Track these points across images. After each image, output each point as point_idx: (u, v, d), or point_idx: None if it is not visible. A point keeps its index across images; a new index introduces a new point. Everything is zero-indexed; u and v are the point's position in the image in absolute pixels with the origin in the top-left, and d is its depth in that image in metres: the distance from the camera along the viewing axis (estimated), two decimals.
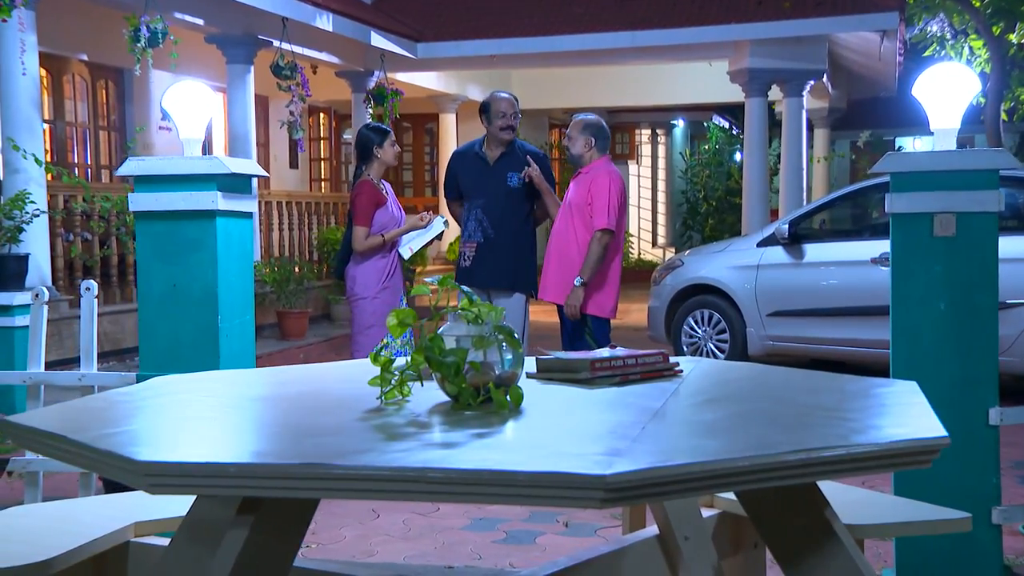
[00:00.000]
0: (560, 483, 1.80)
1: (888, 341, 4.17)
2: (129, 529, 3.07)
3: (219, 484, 1.94)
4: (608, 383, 2.76)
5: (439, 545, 4.87)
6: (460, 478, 1.85)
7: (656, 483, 1.82)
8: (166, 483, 1.94)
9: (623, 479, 1.78)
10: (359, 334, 6.43)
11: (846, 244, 9.26)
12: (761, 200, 13.96)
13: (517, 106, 6.59)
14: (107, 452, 2.00)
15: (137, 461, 1.93)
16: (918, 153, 4.07)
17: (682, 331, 9.79)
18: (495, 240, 6.47)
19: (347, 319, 13.45)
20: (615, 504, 1.81)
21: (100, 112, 13.32)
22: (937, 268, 4.01)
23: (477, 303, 2.55)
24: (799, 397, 2.63)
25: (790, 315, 9.12)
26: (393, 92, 13.44)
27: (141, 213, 4.57)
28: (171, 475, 1.93)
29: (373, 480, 1.87)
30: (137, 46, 8.88)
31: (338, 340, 11.97)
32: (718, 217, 24.14)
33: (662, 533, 3.12)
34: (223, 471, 1.92)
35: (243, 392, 2.80)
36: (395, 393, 2.51)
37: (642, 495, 1.83)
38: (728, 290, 9.46)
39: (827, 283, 9.02)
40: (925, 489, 3.84)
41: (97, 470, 2.07)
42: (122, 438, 2.17)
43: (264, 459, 1.98)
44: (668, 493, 1.86)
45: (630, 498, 1.82)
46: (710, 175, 24.52)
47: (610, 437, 2.15)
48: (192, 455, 2.04)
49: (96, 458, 2.03)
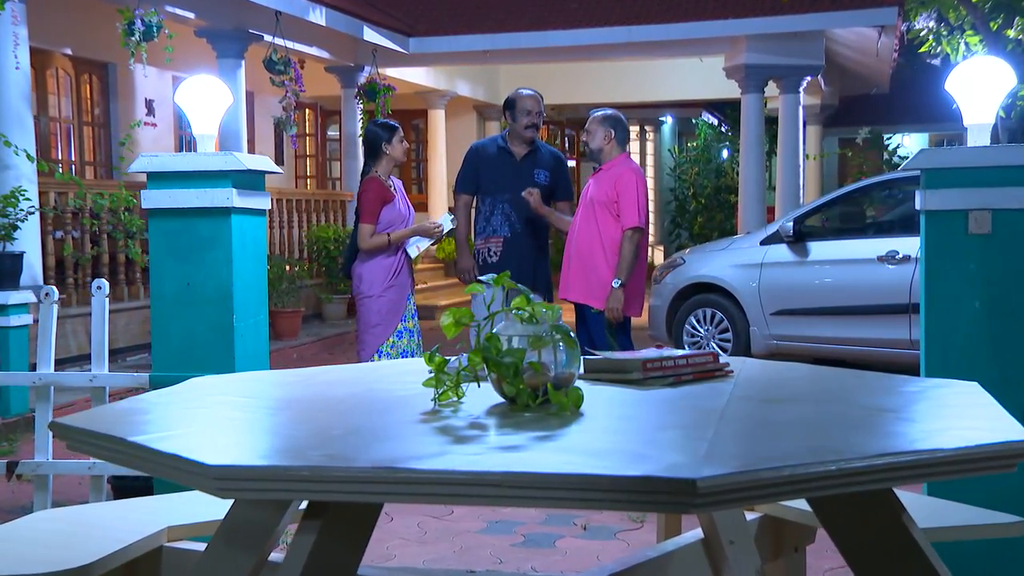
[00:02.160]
0: (649, 488, 1.78)
1: (897, 340, 4.14)
2: (162, 534, 3.03)
3: (292, 488, 1.91)
4: (660, 384, 2.74)
5: (457, 549, 4.84)
6: (544, 482, 1.82)
7: (746, 487, 1.80)
8: (237, 487, 1.91)
9: (714, 483, 1.75)
10: (365, 332, 6.38)
11: (852, 242, 9.26)
12: (758, 198, 13.96)
13: (542, 104, 6.60)
14: (173, 456, 1.97)
15: (207, 465, 1.90)
16: (953, 149, 4.06)
17: (684, 330, 9.78)
18: (522, 235, 6.49)
19: (339, 318, 13.47)
20: (705, 509, 1.78)
21: (84, 107, 13.23)
22: (971, 266, 3.99)
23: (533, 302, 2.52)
24: (859, 398, 2.61)
25: (795, 314, 9.12)
26: (385, 88, 13.40)
27: (154, 210, 4.53)
28: (242, 479, 1.90)
29: (454, 484, 1.84)
30: (131, 40, 8.81)
31: (331, 339, 11.93)
32: (707, 215, 24.15)
33: (707, 537, 3.10)
34: (295, 474, 1.89)
35: (286, 394, 2.76)
36: (449, 395, 2.48)
37: (732, 500, 1.81)
38: (731, 289, 9.45)
39: (833, 281, 9.03)
40: (959, 491, 3.82)
41: (160, 474, 2.04)
42: (180, 441, 2.14)
43: (334, 462, 1.95)
44: (757, 498, 1.84)
45: (720, 503, 1.80)
46: (699, 172, 24.53)
47: (684, 440, 2.13)
48: (259, 458, 2.01)
49: (161, 462, 2.00)
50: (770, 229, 9.55)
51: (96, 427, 2.22)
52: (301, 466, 1.90)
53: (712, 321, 9.65)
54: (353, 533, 2.13)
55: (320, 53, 13.46)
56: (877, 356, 8.55)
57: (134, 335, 9.94)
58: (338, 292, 13.38)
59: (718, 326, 9.61)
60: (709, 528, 3.07)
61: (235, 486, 1.90)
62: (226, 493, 1.91)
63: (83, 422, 2.31)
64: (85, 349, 9.41)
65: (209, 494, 1.91)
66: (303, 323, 12.47)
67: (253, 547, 2.40)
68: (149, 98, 13.73)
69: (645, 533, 5.02)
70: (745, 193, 14.11)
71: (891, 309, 8.54)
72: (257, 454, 2.05)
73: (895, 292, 8.51)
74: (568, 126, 23.84)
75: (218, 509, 3.18)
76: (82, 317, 8.98)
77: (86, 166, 13.10)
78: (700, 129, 25.21)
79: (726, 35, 13.83)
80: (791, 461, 1.89)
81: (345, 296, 13.51)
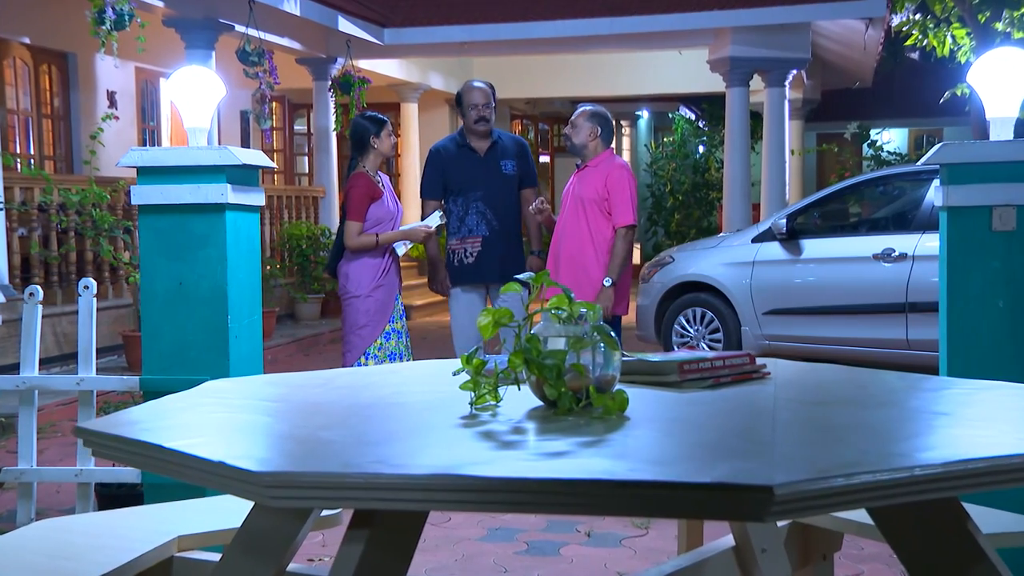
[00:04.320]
0: (723, 495, 1.76)
1: (893, 340, 4.14)
2: (173, 544, 2.99)
3: (344, 496, 1.87)
4: (698, 386, 2.72)
5: (459, 557, 4.81)
6: (615, 490, 1.79)
7: (821, 495, 1.78)
8: (287, 495, 1.87)
9: (791, 491, 1.73)
10: (351, 334, 6.32)
11: (847, 239, 9.30)
12: (743, 194, 13.98)
13: (492, 96, 6.57)
14: (219, 463, 1.93)
15: (256, 472, 1.86)
16: (976, 143, 4.06)
17: (673, 330, 9.78)
18: (500, 232, 6.45)
19: (313, 318, 13.41)
20: (781, 517, 1.77)
21: (43, 99, 13.09)
22: (995, 264, 4.00)
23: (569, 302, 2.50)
24: (908, 401, 2.60)
25: (788, 313, 9.14)
26: (361, 80, 13.33)
27: (145, 207, 4.47)
28: (293, 487, 1.86)
29: (519, 492, 1.81)
30: (101, 29, 8.70)
31: (306, 340, 11.87)
32: (684, 212, 24.22)
33: (739, 545, 3.09)
34: (349, 482, 1.85)
35: (310, 398, 2.72)
36: (486, 398, 2.46)
37: (807, 508, 1.79)
38: (722, 287, 9.46)
39: (827, 280, 9.04)
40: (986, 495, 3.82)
41: (200, 481, 2.00)
42: (219, 448, 2.10)
43: (387, 469, 1.92)
44: (831, 506, 1.83)
45: (796, 511, 1.78)
46: (676, 168, 24.59)
47: (745, 445, 2.11)
48: (306, 465, 1.97)
49: (204, 469, 1.95)
50: (762, 226, 9.56)
51: (125, 433, 2.18)
52: (356, 473, 1.86)
53: (702, 321, 9.65)
54: (401, 542, 2.10)
55: (292, 44, 13.37)
56: (872, 357, 8.58)
57: (104, 336, 9.84)
58: (312, 291, 13.31)
59: (708, 326, 9.62)
60: (741, 536, 3.07)
61: (286, 494, 1.86)
62: (277, 501, 1.87)
63: (107, 427, 2.27)
64: (52, 351, 9.32)
65: (257, 503, 1.88)
66: (276, 323, 12.39)
67: (271, 557, 2.37)
68: (111, 90, 13.59)
69: (650, 540, 5.01)
70: (730, 190, 14.12)
71: (887, 308, 8.57)
72: (303, 461, 2.02)
73: (891, 291, 8.55)
74: (542, 120, 23.83)
75: (228, 517, 3.15)
76: (48, 318, 8.88)
77: (45, 160, 12.94)
78: (677, 124, 25.28)
79: (711, 27, 13.83)
80: (862, 468, 1.87)
81: (319, 296, 13.44)
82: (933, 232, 8.45)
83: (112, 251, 9.02)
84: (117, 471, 4.69)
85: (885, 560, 4.64)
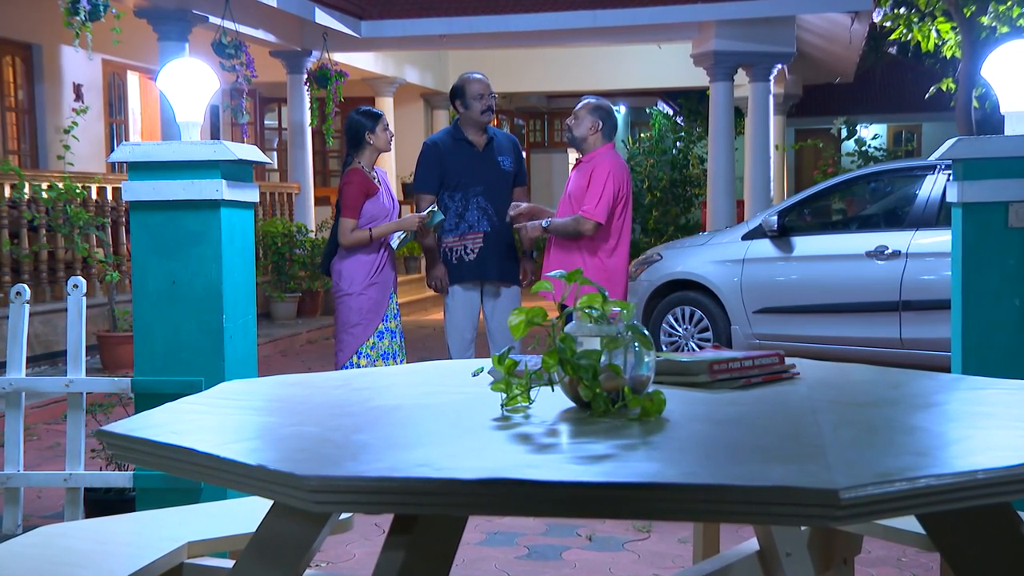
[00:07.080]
0: (787, 499, 1.74)
1: (886, 339, 4.15)
2: (183, 550, 2.95)
3: (392, 501, 1.85)
4: (730, 387, 2.71)
5: (459, 562, 4.77)
6: (675, 494, 1.78)
7: (885, 499, 1.77)
8: (334, 500, 1.85)
9: (856, 495, 1.72)
10: (343, 332, 6.28)
11: (839, 237, 9.32)
12: (727, 191, 14.00)
13: (491, 86, 6.56)
14: (259, 467, 1.90)
15: (301, 477, 1.83)
16: (992, 138, 4.06)
17: (661, 330, 9.77)
18: (500, 228, 6.41)
19: (289, 318, 13.34)
20: (847, 522, 1.75)
21: (7, 91, 12.95)
22: (1011, 262, 4.01)
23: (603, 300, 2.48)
24: (946, 402, 2.59)
25: (779, 312, 9.15)
26: (338, 74, 13.27)
27: (136, 203, 4.42)
28: (340, 491, 1.84)
29: (575, 496, 1.79)
30: (75, 20, 8.61)
31: (283, 341, 11.80)
32: (662, 208, 24.22)
33: (763, 549, 3.08)
34: (397, 487, 1.83)
35: (332, 399, 2.68)
36: (517, 400, 2.43)
37: (871, 512, 1.78)
38: (711, 286, 9.46)
39: (819, 278, 9.05)
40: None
41: (237, 486, 1.97)
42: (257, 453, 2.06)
43: (433, 474, 1.89)
44: (894, 510, 1.81)
45: (860, 515, 1.77)
46: (653, 164, 24.59)
47: (797, 448, 2.09)
48: (348, 470, 1.94)
49: (243, 473, 1.92)
50: (753, 223, 9.56)
51: (152, 436, 2.14)
52: (403, 478, 1.84)
53: (691, 320, 9.65)
54: (442, 547, 2.08)
55: (267, 36, 13.29)
56: (865, 356, 8.59)
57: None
58: (288, 290, 13.24)
59: (697, 325, 9.62)
60: (766, 540, 3.06)
61: (333, 499, 1.83)
62: (320, 507, 1.85)
63: (132, 430, 2.23)
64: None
65: (303, 508, 1.85)
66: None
67: (287, 563, 2.34)
68: (77, 82, 13.45)
69: (653, 543, 5.00)
70: (714, 186, 14.12)
71: (880, 307, 8.59)
72: (342, 465, 1.98)
73: (884, 289, 8.56)
74: (517, 115, 23.82)
75: (239, 523, 3.12)
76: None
77: (10, 154, 12.80)
78: (654, 119, 25.27)
79: (695, 20, 13.82)
80: (922, 472, 1.86)
81: (295, 295, 13.37)
82: (927, 229, 8.50)
83: (87, 249, 8.92)
84: (107, 476, 4.64)
85: (893, 563, 4.64)
